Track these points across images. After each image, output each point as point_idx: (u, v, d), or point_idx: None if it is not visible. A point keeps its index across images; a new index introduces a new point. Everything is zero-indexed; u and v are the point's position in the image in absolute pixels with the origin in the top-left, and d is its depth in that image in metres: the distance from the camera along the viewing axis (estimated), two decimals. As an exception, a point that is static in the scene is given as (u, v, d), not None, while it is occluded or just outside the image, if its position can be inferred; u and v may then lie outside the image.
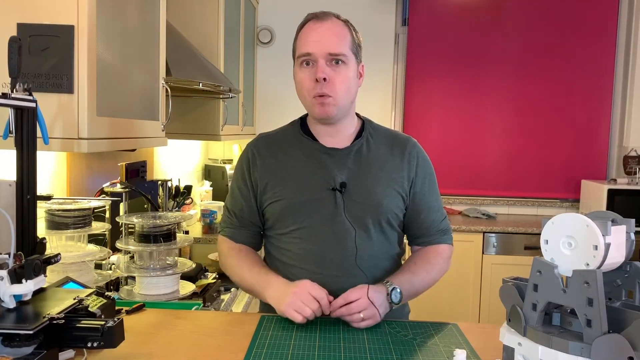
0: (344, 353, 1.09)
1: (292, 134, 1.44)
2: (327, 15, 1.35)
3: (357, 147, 1.40)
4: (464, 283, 3.40)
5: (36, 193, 1.05)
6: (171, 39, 1.88)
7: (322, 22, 1.33)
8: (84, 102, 1.23)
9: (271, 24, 3.84)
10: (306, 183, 1.36)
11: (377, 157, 1.40)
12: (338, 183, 1.34)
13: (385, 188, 1.37)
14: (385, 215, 1.37)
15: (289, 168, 1.38)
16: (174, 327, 1.23)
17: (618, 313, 0.77)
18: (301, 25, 1.38)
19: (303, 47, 1.33)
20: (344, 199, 1.34)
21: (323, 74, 1.30)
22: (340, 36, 1.33)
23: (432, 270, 1.39)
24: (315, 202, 1.34)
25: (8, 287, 0.92)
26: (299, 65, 1.35)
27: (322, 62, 1.31)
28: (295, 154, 1.40)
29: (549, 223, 0.83)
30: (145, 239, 1.59)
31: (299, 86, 1.36)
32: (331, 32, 1.32)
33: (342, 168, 1.37)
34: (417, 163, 1.42)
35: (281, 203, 1.36)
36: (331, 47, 1.31)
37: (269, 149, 1.42)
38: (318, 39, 1.31)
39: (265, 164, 1.40)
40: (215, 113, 2.75)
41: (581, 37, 3.81)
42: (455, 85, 3.90)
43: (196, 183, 3.42)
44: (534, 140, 3.88)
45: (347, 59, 1.33)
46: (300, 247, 1.36)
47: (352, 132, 1.42)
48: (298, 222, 1.35)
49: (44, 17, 1.21)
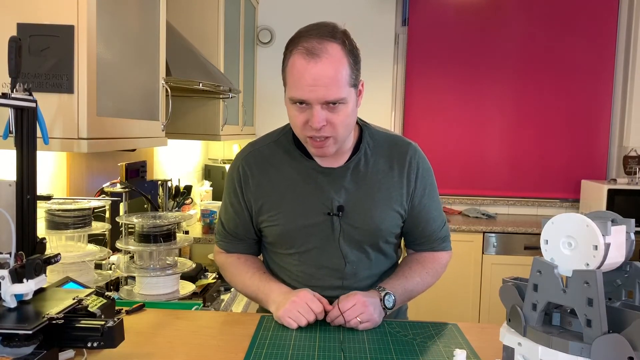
0: (344, 353, 1.09)
1: (284, 149, 1.34)
2: (322, 47, 1.14)
3: (354, 163, 1.32)
4: (464, 283, 3.40)
5: (36, 193, 1.05)
6: (171, 39, 1.88)
7: (315, 62, 1.13)
8: (83, 102, 1.23)
9: (271, 24, 3.84)
10: (302, 207, 1.30)
11: (375, 174, 1.32)
12: (335, 207, 1.29)
13: (384, 209, 1.32)
14: (384, 238, 1.35)
15: (282, 189, 1.32)
16: (174, 327, 1.23)
17: (618, 313, 0.77)
18: (290, 48, 1.18)
19: (295, 92, 1.17)
20: (341, 223, 1.30)
21: (319, 123, 1.16)
22: (337, 76, 1.15)
23: (427, 275, 1.38)
24: (313, 227, 1.30)
25: (9, 287, 0.92)
26: (291, 103, 1.20)
27: (318, 107, 1.16)
28: (289, 173, 1.32)
29: (549, 223, 0.83)
30: (145, 239, 1.59)
31: (292, 122, 1.24)
32: (327, 74, 1.14)
33: (339, 189, 1.30)
34: (416, 175, 1.34)
35: (277, 228, 1.33)
36: (328, 95, 1.15)
37: (261, 167, 1.34)
38: (312, 84, 1.14)
39: (258, 184, 1.33)
40: (215, 113, 2.75)
41: (581, 37, 3.80)
42: (455, 85, 3.89)
43: (196, 183, 3.42)
44: (534, 140, 3.88)
45: (345, 99, 1.18)
46: (299, 270, 1.36)
47: (349, 147, 1.33)
48: (295, 247, 1.34)
49: (44, 17, 1.21)
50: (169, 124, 1.79)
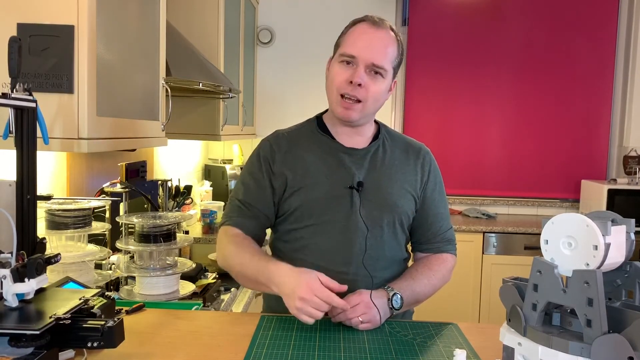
0: (344, 353, 1.09)
1: (310, 131, 1.45)
2: (383, 23, 1.35)
3: (374, 148, 1.42)
4: (464, 283, 3.40)
5: (36, 193, 1.05)
6: (171, 39, 1.88)
7: (377, 29, 1.33)
8: (84, 102, 1.23)
9: (271, 24, 3.84)
10: (325, 180, 1.36)
11: (392, 160, 1.42)
12: (356, 182, 1.35)
13: (400, 189, 1.39)
14: (400, 217, 1.39)
15: (308, 164, 1.38)
16: (174, 327, 1.23)
17: (618, 313, 0.77)
18: (354, 22, 1.37)
19: (349, 48, 1.32)
20: (361, 197, 1.35)
21: (360, 79, 1.30)
22: (388, 49, 1.33)
23: (434, 277, 1.39)
24: (333, 199, 1.35)
25: (11, 286, 0.92)
26: (338, 61, 1.34)
27: (362, 67, 1.31)
28: (314, 151, 1.40)
29: (549, 223, 0.83)
30: (145, 239, 1.59)
31: (331, 80, 1.36)
32: (382, 42, 1.32)
33: (359, 168, 1.38)
34: (429, 169, 1.45)
35: (299, 198, 1.36)
36: (376, 58, 1.31)
37: (287, 145, 1.42)
38: (367, 45, 1.31)
39: (285, 158, 1.40)
40: (215, 113, 2.76)
41: (581, 37, 3.81)
42: (455, 85, 3.90)
43: (196, 183, 3.42)
44: (534, 140, 3.88)
45: (386, 73, 1.33)
46: (312, 242, 1.36)
47: (370, 135, 1.44)
48: (314, 218, 1.35)
49: (44, 17, 1.21)
50: (169, 124, 1.79)
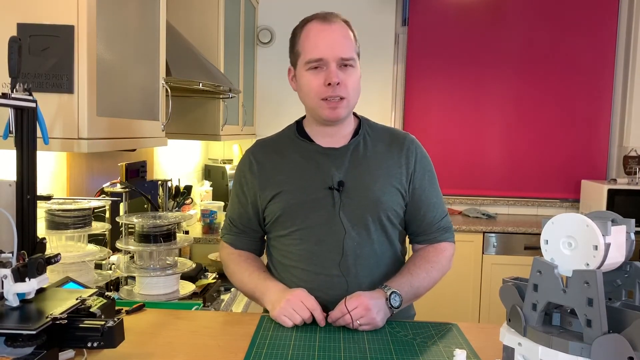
0: (343, 353, 1.09)
1: (289, 138, 1.44)
2: (332, 16, 1.33)
3: (353, 145, 1.39)
4: (464, 283, 3.40)
5: (36, 193, 1.05)
6: (171, 39, 1.88)
7: (330, 24, 1.32)
8: (84, 102, 1.23)
9: (271, 24, 3.84)
10: (304, 184, 1.35)
11: (374, 155, 1.39)
12: (336, 182, 1.34)
13: (384, 184, 1.36)
14: (385, 212, 1.36)
15: (286, 171, 1.38)
16: (174, 327, 1.23)
17: (618, 313, 0.77)
18: (302, 24, 1.35)
19: (313, 52, 1.30)
20: (342, 197, 1.33)
21: (337, 78, 1.29)
22: (347, 40, 1.32)
23: (432, 269, 1.37)
24: (313, 203, 1.34)
25: (12, 286, 0.92)
26: (306, 69, 1.33)
27: (334, 65, 1.30)
28: (292, 157, 1.40)
29: (549, 223, 0.83)
30: (145, 239, 1.59)
31: (306, 89, 1.34)
32: (340, 35, 1.32)
33: (339, 167, 1.36)
34: (415, 159, 1.40)
35: (279, 205, 1.36)
36: (342, 52, 1.30)
37: (267, 155, 1.42)
38: (329, 44, 1.30)
39: (262, 170, 1.40)
40: (215, 113, 2.75)
41: (581, 37, 3.80)
42: (455, 85, 3.89)
43: (196, 183, 3.42)
44: (534, 140, 3.88)
45: (354, 62, 1.33)
46: (301, 248, 1.35)
47: (349, 131, 1.42)
48: (297, 224, 1.35)
49: (44, 17, 1.21)
50: (169, 124, 1.79)
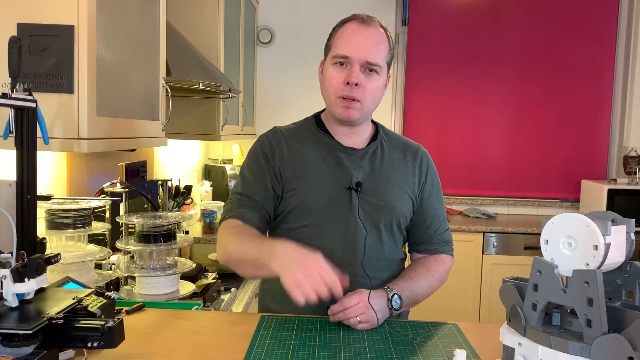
0: (343, 353, 1.09)
1: (309, 130, 1.44)
2: (372, 20, 1.35)
3: (372, 149, 1.42)
4: (464, 283, 3.40)
5: (36, 193, 1.05)
6: (171, 39, 1.88)
7: (367, 27, 1.33)
8: (84, 102, 1.23)
9: (271, 24, 3.84)
10: (324, 180, 1.36)
11: (390, 161, 1.42)
12: (354, 182, 1.35)
13: (399, 191, 1.39)
14: (397, 218, 1.38)
15: (307, 163, 1.38)
16: (174, 327, 1.23)
17: (618, 313, 0.77)
18: (342, 22, 1.37)
19: (342, 48, 1.32)
20: (359, 198, 1.34)
21: (356, 79, 1.30)
22: (380, 46, 1.33)
23: (433, 278, 1.39)
24: (332, 200, 1.34)
25: (11, 286, 0.92)
26: (332, 63, 1.34)
27: (357, 67, 1.31)
28: (313, 149, 1.39)
29: (549, 223, 0.83)
30: (145, 239, 1.59)
31: (327, 83, 1.35)
32: (373, 40, 1.32)
33: (358, 169, 1.38)
34: (427, 170, 1.45)
35: (298, 197, 1.35)
36: (370, 56, 1.31)
37: (286, 143, 1.40)
38: (360, 44, 1.31)
39: (284, 155, 1.38)
40: (215, 113, 2.75)
41: (581, 37, 3.80)
42: (455, 85, 3.90)
43: (196, 183, 3.42)
44: (534, 140, 3.88)
45: (380, 69, 1.34)
46: (311, 242, 1.25)
47: (367, 136, 1.44)
48: (312, 218, 1.35)
49: (44, 17, 1.21)
50: (169, 124, 1.79)
